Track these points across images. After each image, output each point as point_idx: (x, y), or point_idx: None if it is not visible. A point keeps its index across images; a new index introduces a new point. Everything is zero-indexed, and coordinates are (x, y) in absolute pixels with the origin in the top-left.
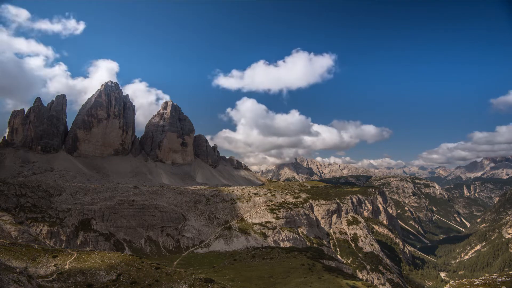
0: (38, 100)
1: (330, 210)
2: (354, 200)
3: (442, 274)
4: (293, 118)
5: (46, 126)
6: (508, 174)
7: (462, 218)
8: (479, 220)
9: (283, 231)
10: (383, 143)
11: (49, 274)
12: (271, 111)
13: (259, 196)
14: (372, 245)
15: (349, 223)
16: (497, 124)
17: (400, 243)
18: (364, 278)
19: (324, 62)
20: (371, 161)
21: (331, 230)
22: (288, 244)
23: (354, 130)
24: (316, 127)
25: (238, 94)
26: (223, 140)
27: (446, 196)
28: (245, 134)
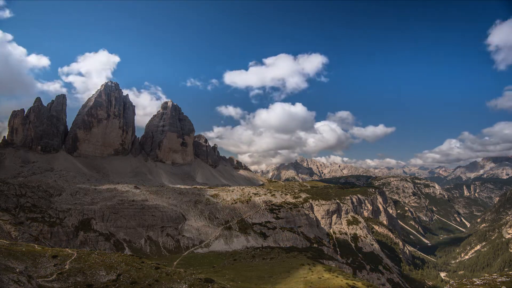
0: (38, 100)
1: (330, 210)
2: (354, 200)
3: (442, 274)
4: (293, 116)
5: (46, 126)
6: (508, 174)
7: (462, 218)
8: (479, 220)
9: (283, 231)
10: (383, 142)
11: (49, 274)
12: (271, 110)
13: (259, 196)
14: (372, 245)
15: (349, 223)
16: (496, 123)
17: (400, 243)
18: (364, 278)
19: (323, 61)
20: (371, 161)
21: (331, 230)
22: (288, 244)
23: (353, 130)
24: (317, 125)
25: (235, 94)
26: (223, 140)
27: (446, 196)
28: (245, 134)
